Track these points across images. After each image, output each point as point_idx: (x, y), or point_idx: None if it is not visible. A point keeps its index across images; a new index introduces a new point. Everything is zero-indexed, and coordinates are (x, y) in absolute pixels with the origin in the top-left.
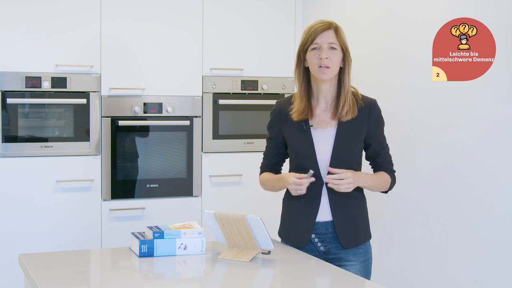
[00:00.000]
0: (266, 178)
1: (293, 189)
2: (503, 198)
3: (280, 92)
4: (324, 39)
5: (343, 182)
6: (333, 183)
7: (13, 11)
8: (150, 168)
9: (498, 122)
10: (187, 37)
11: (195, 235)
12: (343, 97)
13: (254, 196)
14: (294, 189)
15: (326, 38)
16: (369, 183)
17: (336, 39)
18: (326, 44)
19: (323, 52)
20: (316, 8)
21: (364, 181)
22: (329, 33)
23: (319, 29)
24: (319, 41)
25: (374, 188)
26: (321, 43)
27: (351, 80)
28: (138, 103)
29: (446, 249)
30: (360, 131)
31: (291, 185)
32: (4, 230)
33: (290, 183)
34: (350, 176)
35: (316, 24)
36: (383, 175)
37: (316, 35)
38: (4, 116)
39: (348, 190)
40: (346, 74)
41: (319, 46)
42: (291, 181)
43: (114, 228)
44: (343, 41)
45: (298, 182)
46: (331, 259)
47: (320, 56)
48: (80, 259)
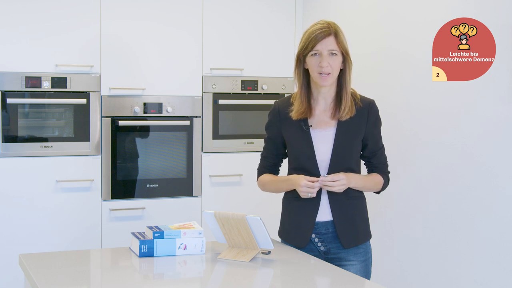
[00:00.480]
0: (268, 180)
1: (304, 191)
2: (503, 198)
3: (280, 92)
4: (324, 46)
5: (335, 184)
6: (327, 185)
7: (13, 11)
8: (150, 168)
9: (498, 122)
10: (187, 37)
11: (195, 235)
12: (344, 100)
13: (254, 196)
14: (305, 191)
15: (326, 45)
16: (360, 184)
17: (337, 45)
18: (326, 51)
19: (323, 60)
20: (316, 8)
21: (355, 182)
22: (329, 40)
23: (320, 36)
24: (319, 48)
25: (365, 189)
26: (321, 50)
27: (351, 82)
28: (138, 103)
29: (446, 249)
30: (359, 131)
31: (303, 188)
32: (4, 230)
33: (302, 185)
34: (343, 178)
35: (316, 29)
36: (375, 177)
37: (316, 41)
38: (4, 116)
39: (340, 190)
40: (347, 77)
41: (320, 53)
42: (303, 184)
43: (114, 228)
44: (343, 45)
45: (311, 185)
46: (331, 259)
47: (320, 64)
48: (80, 259)
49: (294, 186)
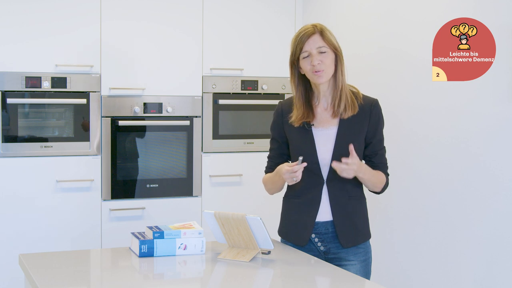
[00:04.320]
0: (266, 178)
1: (288, 177)
2: (504, 198)
3: (280, 92)
4: (312, 45)
5: (347, 167)
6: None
7: (13, 11)
8: (150, 168)
9: (498, 122)
10: (187, 37)
11: (195, 235)
12: (338, 95)
13: (254, 196)
14: (289, 177)
15: (314, 44)
16: (367, 176)
17: (324, 42)
18: (315, 50)
19: (314, 59)
20: (316, 8)
21: (363, 172)
22: (315, 38)
23: (304, 36)
24: (307, 48)
25: (370, 183)
26: (310, 49)
27: (345, 78)
28: (138, 103)
29: (446, 249)
30: (361, 130)
31: (285, 174)
32: (4, 230)
33: (284, 173)
34: (355, 163)
35: (300, 32)
36: (380, 175)
37: (303, 43)
38: (4, 116)
39: (348, 176)
40: (340, 73)
41: (309, 53)
42: (284, 170)
43: (114, 228)
44: (331, 42)
45: (291, 170)
46: (331, 259)
47: (312, 63)
48: (80, 259)
49: (280, 177)
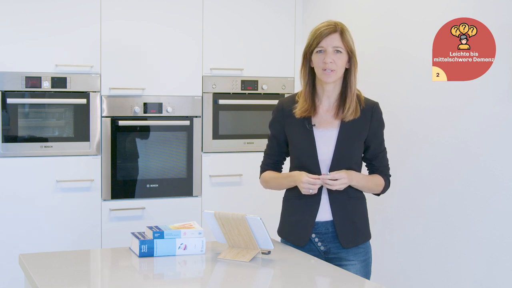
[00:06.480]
0: (270, 177)
1: (305, 187)
2: (504, 198)
3: (280, 92)
4: (329, 42)
5: (336, 182)
6: (328, 183)
7: (13, 11)
8: (150, 168)
9: (498, 121)
10: (187, 37)
11: (195, 235)
12: (349, 99)
13: (254, 196)
14: (307, 188)
15: (331, 42)
16: (361, 183)
17: (342, 43)
18: (331, 48)
19: (327, 56)
20: (316, 8)
21: (356, 180)
22: (334, 37)
23: (324, 32)
24: (324, 44)
25: (365, 189)
26: (326, 46)
27: (357, 82)
28: (138, 103)
29: (446, 249)
30: (361, 133)
31: (305, 184)
32: (4, 230)
33: (303, 182)
34: (344, 177)
35: (322, 26)
36: (376, 178)
37: (321, 38)
38: (4, 116)
39: (341, 188)
40: (353, 76)
41: (324, 49)
42: (305, 180)
43: (114, 228)
44: (348, 44)
45: (313, 182)
46: (331, 259)
47: (324, 60)
48: (80, 259)
49: (295, 183)
